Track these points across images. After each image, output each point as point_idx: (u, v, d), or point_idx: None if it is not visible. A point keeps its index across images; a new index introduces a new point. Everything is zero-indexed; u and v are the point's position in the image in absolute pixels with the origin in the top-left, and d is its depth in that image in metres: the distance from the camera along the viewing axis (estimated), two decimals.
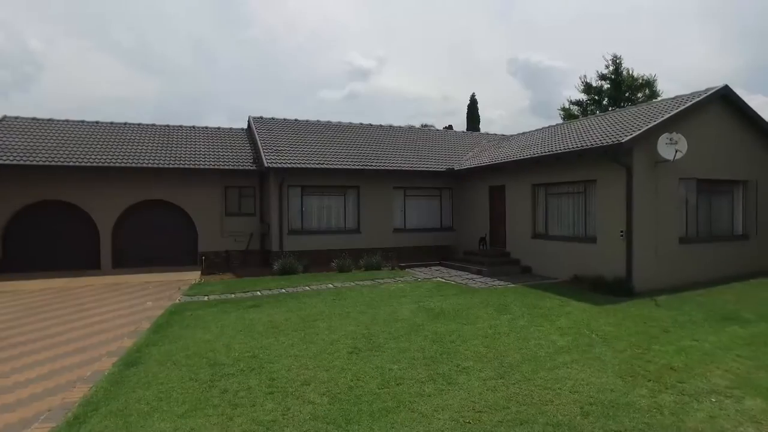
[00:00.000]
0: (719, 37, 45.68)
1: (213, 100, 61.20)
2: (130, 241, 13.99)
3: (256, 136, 15.83)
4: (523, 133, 17.59)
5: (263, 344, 6.51)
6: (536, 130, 16.98)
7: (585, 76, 28.55)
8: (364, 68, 66.20)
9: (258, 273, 13.33)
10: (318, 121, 18.58)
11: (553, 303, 9.14)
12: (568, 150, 11.24)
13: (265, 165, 13.79)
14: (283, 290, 10.65)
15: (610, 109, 25.13)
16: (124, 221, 13.95)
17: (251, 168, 14.76)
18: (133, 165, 13.32)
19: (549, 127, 16.37)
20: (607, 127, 11.81)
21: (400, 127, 20.11)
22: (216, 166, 14.30)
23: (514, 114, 58.09)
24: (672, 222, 10.71)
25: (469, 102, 32.51)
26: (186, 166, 13.90)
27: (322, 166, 14.53)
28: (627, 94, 25.14)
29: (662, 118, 10.17)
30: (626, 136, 9.98)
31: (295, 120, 18.13)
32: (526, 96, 60.08)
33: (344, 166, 14.84)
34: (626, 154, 9.99)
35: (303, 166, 14.26)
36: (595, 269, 10.90)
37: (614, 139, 10.15)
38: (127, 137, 15.03)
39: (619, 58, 25.68)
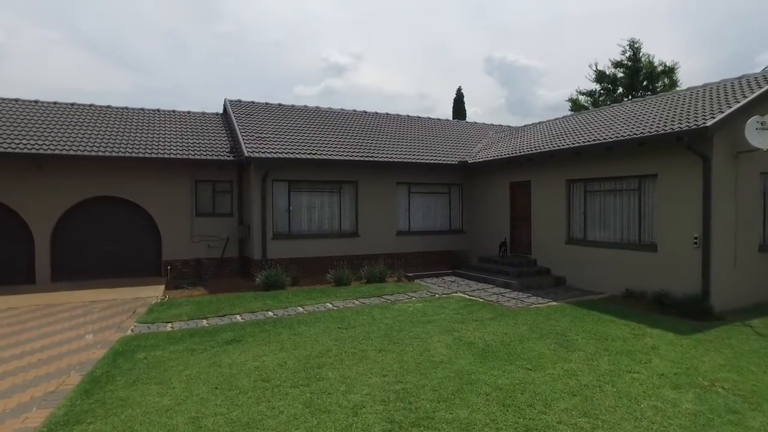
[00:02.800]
0: (691, 37, 45.41)
1: (187, 94, 58.93)
2: (75, 249, 11.56)
3: (234, 121, 13.56)
4: (539, 123, 15.73)
5: (251, 417, 4.37)
6: (558, 119, 15.14)
7: (596, 63, 27.00)
8: (341, 64, 65.52)
9: (236, 287, 11.10)
10: (306, 106, 16.37)
11: (623, 331, 7.25)
12: (623, 138, 9.36)
13: (245, 154, 11.56)
14: (270, 313, 8.49)
15: (626, 99, 23.61)
16: (68, 224, 11.51)
17: (228, 158, 12.49)
18: (78, 152, 10.88)
19: (572, 115, 14.58)
20: (659, 113, 10.01)
21: (399, 115, 18.06)
22: (184, 156, 11.98)
23: (490, 112, 57.87)
24: (753, 225, 8.94)
25: (455, 96, 30.90)
26: (147, 155, 11.54)
27: (314, 156, 12.37)
28: (645, 83, 23.61)
29: (752, 96, 8.37)
30: (692, 120, 8.17)
31: (279, 105, 15.88)
32: (502, 94, 60.82)
33: (340, 157, 12.71)
34: (705, 141, 8.16)
35: (291, 156, 12.07)
36: (656, 283, 9.08)
37: (686, 124, 8.31)
38: (74, 120, 12.54)
39: (638, 42, 24.17)
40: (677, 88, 20.12)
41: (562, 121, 14.20)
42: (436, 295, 10.16)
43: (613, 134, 9.96)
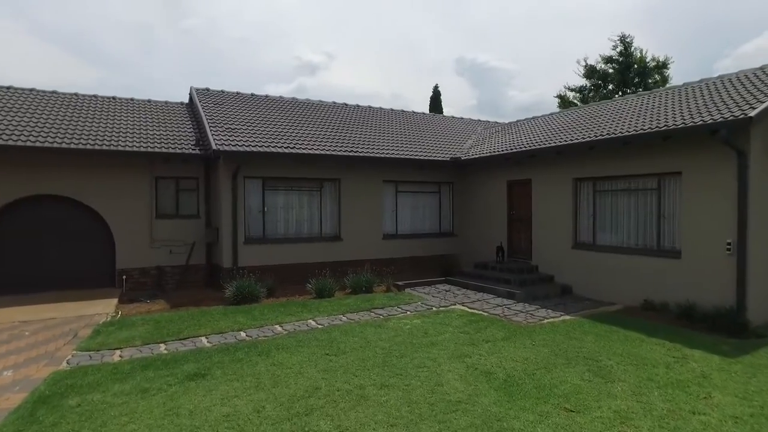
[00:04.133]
0: (661, 42, 46.30)
1: (154, 89, 56.52)
2: (9, 256, 9.97)
3: (201, 111, 12.14)
4: (535, 117, 14.84)
5: None
6: (557, 113, 14.31)
7: (586, 59, 26.44)
8: (313, 63, 64.75)
9: (203, 299, 9.75)
10: (282, 97, 15.04)
11: (659, 353, 6.31)
12: (645, 131, 8.44)
13: (213, 147, 10.20)
14: (243, 334, 7.21)
15: (618, 95, 23.06)
16: (0, 226, 9.92)
17: (193, 152, 11.08)
18: (12, 143, 9.31)
19: (575, 108, 13.74)
20: (677, 105, 9.20)
21: (382, 108, 16.91)
22: (143, 148, 10.51)
23: (462, 112, 58.04)
24: None
25: (431, 94, 30.21)
26: (98, 146, 10.04)
27: (292, 150, 11.09)
28: (637, 80, 23.08)
29: None
30: (727, 110, 7.32)
31: (252, 95, 14.51)
32: (474, 95, 61.58)
33: (321, 152, 11.47)
34: (743, 134, 7.30)
35: (266, 149, 10.76)
36: (679, 293, 8.23)
37: (720, 115, 7.45)
38: (8, 105, 10.89)
39: (629, 37, 23.66)
40: (668, 85, 19.67)
41: (562, 115, 13.31)
42: (434, 309, 9.05)
43: (627, 128, 9.05)
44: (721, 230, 7.75)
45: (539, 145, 10.85)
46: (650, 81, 22.84)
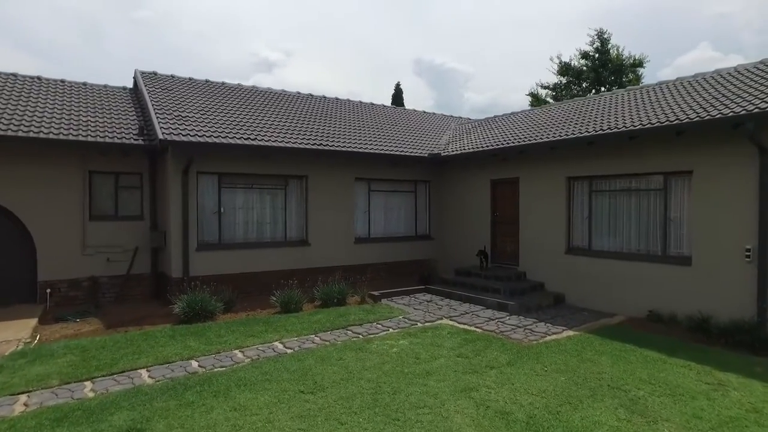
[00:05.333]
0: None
1: (103, 83, 52.78)
2: None
3: (147, 96, 10.60)
4: (513, 114, 14.10)
5: None
6: (542, 107, 13.61)
7: (560, 55, 26.17)
8: (270, 60, 63.33)
9: (146, 317, 8.31)
10: (240, 84, 13.60)
11: (690, 378, 5.52)
12: (654, 125, 7.70)
13: (160, 136, 8.76)
14: (195, 364, 5.91)
15: (593, 92, 22.80)
16: None
17: (136, 142, 9.56)
18: None
19: (558, 104, 13.05)
20: (680, 99, 8.56)
21: (350, 101, 15.74)
22: (72, 136, 8.90)
23: None
24: None
25: (393, 92, 29.58)
26: (12, 132, 8.37)
27: (252, 142, 9.77)
28: (613, 78, 22.88)
29: None
30: (747, 103, 6.66)
31: (207, 81, 13.00)
32: (431, 96, 62.42)
33: (285, 144, 10.21)
34: (765, 128, 6.64)
35: (222, 140, 9.40)
36: (690, 303, 7.56)
37: (743, 108, 6.77)
38: None
39: (606, 33, 23.44)
40: (643, 83, 19.39)
41: (548, 110, 12.58)
42: (418, 324, 8.00)
43: (632, 122, 8.31)
44: (739, 235, 7.10)
45: (531, 140, 10.00)
46: (625, 80, 22.76)
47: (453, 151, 12.22)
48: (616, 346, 6.70)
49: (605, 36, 23.52)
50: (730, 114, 6.77)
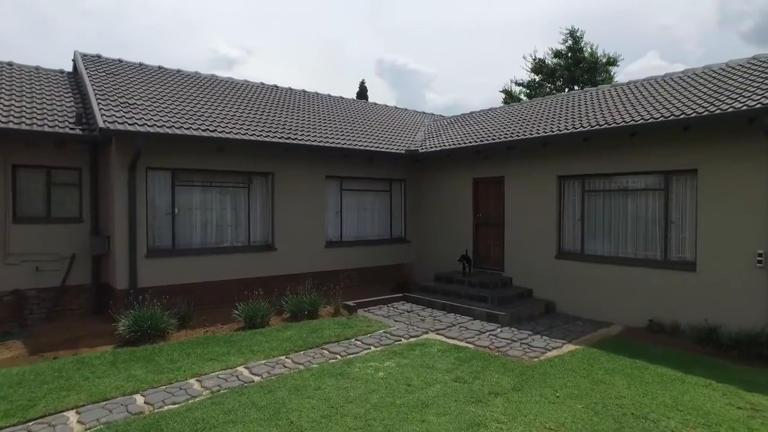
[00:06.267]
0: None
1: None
2: None
3: (87, 80, 9.30)
4: (491, 110, 13.50)
5: None
6: (520, 103, 13.03)
7: (535, 52, 25.90)
8: (230, 57, 61.77)
9: (84, 338, 7.11)
10: (198, 73, 12.36)
11: (717, 400, 4.94)
12: (658, 120, 7.13)
13: (101, 125, 7.55)
14: (140, 401, 4.85)
15: (566, 90, 22.62)
16: None
17: (72, 131, 8.27)
18: None
19: (542, 98, 12.50)
20: (680, 93, 8.08)
21: (318, 93, 14.74)
22: None
23: None
24: None
25: (358, 90, 28.88)
26: None
27: (211, 134, 8.68)
28: (586, 76, 22.76)
29: None
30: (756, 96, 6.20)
31: (160, 67, 11.70)
32: (393, 96, 63.32)
33: (249, 137, 9.15)
34: None
35: (176, 131, 8.26)
36: (694, 312, 7.07)
37: (759, 102, 6.28)
38: None
39: (578, 31, 23.30)
40: (615, 81, 19.27)
41: (531, 106, 11.95)
42: (402, 341, 7.16)
43: (632, 117, 7.76)
44: (749, 239, 6.62)
45: (518, 136, 9.34)
46: (599, 78, 22.71)
47: (432, 147, 11.45)
48: (626, 363, 6.07)
49: (578, 34, 23.51)
50: (744, 108, 6.26)
